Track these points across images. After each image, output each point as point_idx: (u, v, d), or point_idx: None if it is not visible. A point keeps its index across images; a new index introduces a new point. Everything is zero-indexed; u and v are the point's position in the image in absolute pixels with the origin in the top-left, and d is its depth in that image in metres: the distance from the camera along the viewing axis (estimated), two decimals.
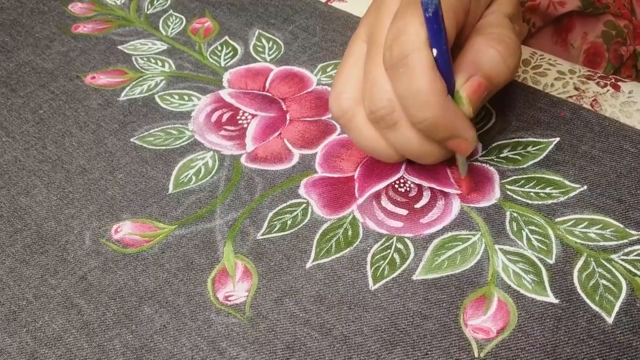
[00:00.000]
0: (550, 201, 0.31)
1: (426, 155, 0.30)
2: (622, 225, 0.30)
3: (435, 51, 0.27)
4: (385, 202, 0.32)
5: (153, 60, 0.43)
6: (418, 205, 0.32)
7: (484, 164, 0.34)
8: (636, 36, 0.57)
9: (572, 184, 0.32)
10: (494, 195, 0.32)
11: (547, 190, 0.32)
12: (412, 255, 0.30)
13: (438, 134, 0.28)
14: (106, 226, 0.33)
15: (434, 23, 0.26)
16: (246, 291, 0.30)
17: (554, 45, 0.56)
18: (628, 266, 0.29)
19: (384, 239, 0.31)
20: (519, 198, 0.32)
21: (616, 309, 0.27)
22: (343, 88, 0.31)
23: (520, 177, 0.33)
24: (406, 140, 0.29)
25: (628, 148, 0.33)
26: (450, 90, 0.28)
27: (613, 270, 0.29)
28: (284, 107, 0.39)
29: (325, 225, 0.32)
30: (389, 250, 0.30)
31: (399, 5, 0.28)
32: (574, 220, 0.31)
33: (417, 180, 0.33)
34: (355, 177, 0.34)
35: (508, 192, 0.32)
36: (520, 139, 0.35)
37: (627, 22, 0.56)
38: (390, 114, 0.28)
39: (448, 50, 0.27)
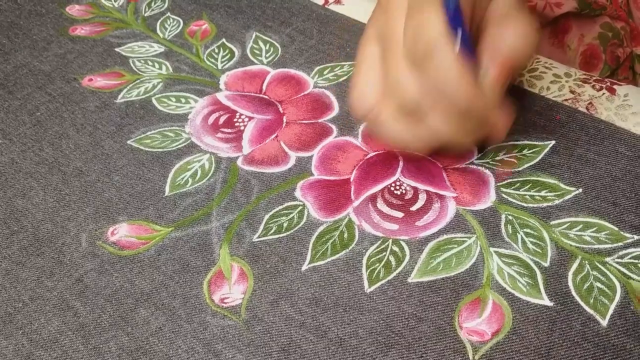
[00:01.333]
0: (545, 204, 0.32)
1: (459, 142, 0.31)
2: (616, 228, 0.30)
3: (458, 41, 0.27)
4: (381, 204, 0.33)
5: (150, 63, 0.43)
6: (414, 208, 0.32)
7: (479, 167, 0.34)
8: (633, 38, 0.57)
9: (567, 187, 0.32)
10: (490, 198, 0.32)
11: (543, 193, 0.32)
12: (407, 258, 0.30)
13: (472, 118, 0.29)
14: (102, 228, 0.33)
15: (455, 13, 0.27)
16: (242, 293, 0.30)
17: (550, 47, 0.56)
18: (622, 269, 0.29)
19: (379, 242, 0.31)
20: (514, 201, 0.32)
21: (610, 311, 0.27)
22: (364, 89, 0.31)
23: (516, 180, 0.33)
24: (439, 129, 0.30)
25: (623, 151, 0.34)
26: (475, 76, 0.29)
27: (607, 273, 0.29)
28: (280, 109, 0.39)
29: (321, 228, 0.32)
30: (384, 253, 0.30)
31: (409, 2, 0.29)
32: (568, 223, 0.31)
33: (413, 183, 0.33)
34: (352, 179, 0.34)
35: (503, 195, 0.32)
36: (516, 142, 0.35)
37: (624, 24, 0.56)
38: (420, 106, 0.29)
39: (468, 37, 0.28)
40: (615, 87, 0.37)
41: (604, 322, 0.27)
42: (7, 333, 0.29)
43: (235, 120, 0.38)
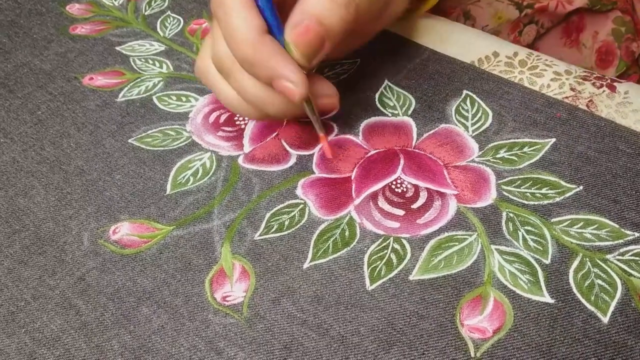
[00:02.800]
0: (546, 201, 0.32)
1: (268, 102, 0.30)
2: (617, 226, 0.30)
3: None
4: (382, 202, 0.33)
5: (151, 61, 0.43)
6: (415, 206, 0.32)
7: (480, 165, 0.34)
8: (637, 32, 0.57)
9: (568, 185, 0.32)
10: (490, 196, 0.32)
11: (543, 190, 0.32)
12: (408, 256, 0.30)
13: (258, 72, 0.28)
14: (104, 227, 0.33)
15: None
16: (244, 291, 0.30)
17: (562, 47, 0.57)
18: (623, 266, 0.29)
19: (381, 240, 0.31)
20: (515, 198, 0.32)
21: (611, 308, 0.27)
22: (202, 52, 0.32)
23: (517, 177, 0.33)
24: (245, 87, 0.30)
25: (624, 149, 0.34)
26: (278, 35, 0.29)
27: (608, 270, 0.29)
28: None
29: (322, 226, 0.32)
30: (385, 251, 0.31)
31: None
32: (569, 221, 0.31)
33: (413, 181, 0.33)
34: (352, 177, 0.34)
35: (504, 193, 0.32)
36: (516, 140, 0.35)
37: (630, 18, 0.56)
38: (224, 61, 0.29)
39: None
40: (615, 84, 0.37)
41: (605, 319, 0.27)
42: (9, 331, 0.29)
43: (236, 118, 0.38)
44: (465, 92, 0.38)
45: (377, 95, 0.39)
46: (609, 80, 0.37)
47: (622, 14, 0.55)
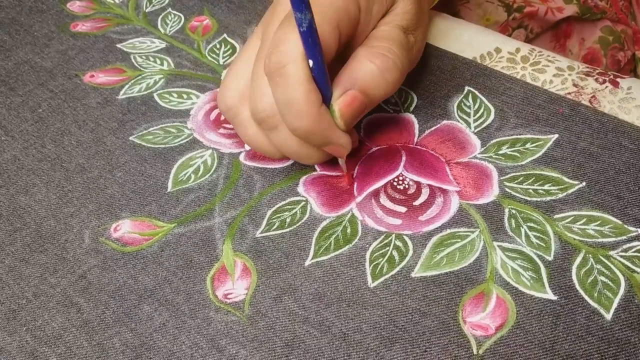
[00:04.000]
0: (548, 198, 0.32)
1: (306, 157, 0.31)
2: (620, 222, 0.30)
3: (311, 62, 0.27)
4: (384, 199, 0.32)
5: (152, 59, 0.43)
6: (417, 203, 0.32)
7: (482, 161, 0.34)
8: (636, 41, 0.57)
9: (571, 181, 0.32)
10: (493, 192, 0.32)
11: (546, 187, 0.32)
12: (410, 253, 0.30)
13: (312, 141, 0.29)
14: (105, 225, 0.33)
15: (308, 37, 0.26)
16: (245, 289, 0.30)
17: (552, 51, 0.57)
18: (626, 262, 0.29)
19: (382, 237, 0.31)
20: (517, 195, 0.32)
21: (614, 305, 0.27)
22: (230, 84, 0.31)
23: (519, 174, 0.33)
24: (286, 143, 0.30)
25: (627, 144, 0.33)
26: (328, 100, 0.29)
27: (611, 266, 0.29)
28: None
29: (324, 223, 0.32)
30: (387, 248, 0.30)
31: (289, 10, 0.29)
32: (572, 217, 0.31)
33: (415, 178, 0.33)
34: (354, 175, 0.34)
35: (507, 189, 0.32)
36: (519, 136, 0.35)
37: (624, 27, 0.56)
38: (270, 117, 0.29)
39: (323, 62, 0.27)
40: (618, 80, 0.37)
41: (608, 316, 0.27)
42: (11, 330, 0.29)
43: None
44: (467, 88, 0.38)
45: None
46: (611, 76, 0.37)
47: (613, 24, 0.55)
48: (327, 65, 0.28)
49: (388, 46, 0.30)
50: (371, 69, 0.29)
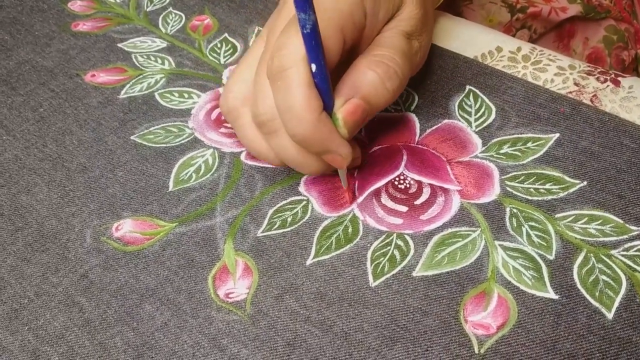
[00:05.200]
0: (550, 197, 0.31)
1: (305, 165, 0.30)
2: (622, 221, 0.30)
3: (314, 67, 0.27)
4: (385, 199, 0.32)
5: (153, 58, 0.43)
6: (418, 202, 0.32)
7: (483, 160, 0.34)
8: (637, 40, 0.57)
9: (572, 180, 0.32)
10: (494, 192, 0.32)
11: (547, 186, 0.32)
12: (412, 252, 0.30)
13: (311, 148, 0.28)
14: (107, 224, 0.33)
15: (311, 40, 0.26)
16: (247, 288, 0.30)
17: (555, 51, 0.57)
18: (628, 262, 0.29)
19: (384, 236, 0.31)
20: (518, 194, 0.32)
21: (616, 304, 0.27)
22: (233, 87, 0.31)
23: (520, 173, 0.33)
24: (285, 149, 0.29)
25: (628, 143, 0.33)
26: (329, 107, 0.28)
27: (613, 265, 0.29)
28: None
29: (325, 223, 0.32)
30: (389, 247, 0.30)
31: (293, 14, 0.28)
32: (573, 216, 0.31)
33: (416, 177, 0.33)
34: (355, 174, 0.34)
35: (508, 188, 0.32)
36: (520, 135, 0.35)
37: (627, 26, 0.56)
38: (271, 120, 0.29)
39: (326, 67, 0.27)
40: (619, 79, 0.37)
41: (610, 315, 0.27)
42: (13, 329, 0.29)
43: None
44: (468, 87, 0.38)
45: None
46: (613, 75, 0.37)
47: (616, 23, 0.55)
48: (330, 70, 0.28)
49: (390, 55, 0.30)
50: (373, 78, 0.29)
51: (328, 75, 0.27)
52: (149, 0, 0.49)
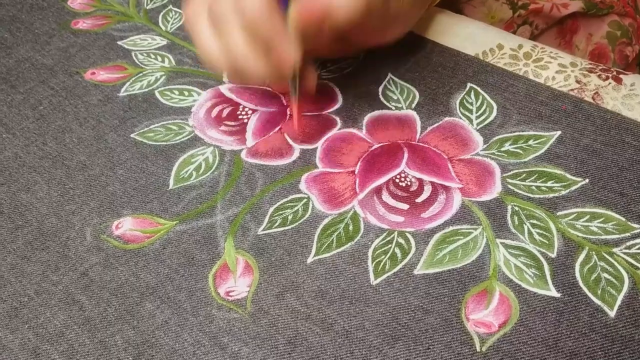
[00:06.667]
0: (551, 195, 0.31)
1: (251, 65, 0.30)
2: (624, 219, 0.30)
3: None
4: (386, 196, 0.32)
5: (153, 56, 0.43)
6: (419, 200, 0.32)
7: (485, 158, 0.34)
8: (639, 35, 0.57)
9: (574, 178, 0.32)
10: (495, 189, 0.32)
11: (549, 183, 0.32)
12: (413, 250, 0.30)
13: (258, 32, 0.29)
14: (107, 222, 0.33)
15: None
16: (247, 286, 0.30)
17: (557, 47, 0.57)
18: (630, 259, 0.29)
19: (385, 234, 0.31)
20: (520, 192, 0.32)
21: (618, 302, 0.27)
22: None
23: (522, 170, 0.33)
24: (235, 45, 0.30)
25: (630, 141, 0.33)
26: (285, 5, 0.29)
27: (615, 263, 0.28)
28: (284, 101, 0.38)
29: (326, 220, 0.32)
30: (390, 245, 0.30)
31: None
32: (575, 214, 0.31)
33: (418, 175, 0.33)
34: (356, 172, 0.34)
35: (509, 186, 0.32)
36: (521, 133, 0.35)
37: (631, 21, 0.56)
38: (225, 14, 0.29)
39: None
40: (621, 76, 0.37)
41: (612, 313, 0.27)
42: (13, 327, 0.29)
43: (238, 112, 0.38)
44: (469, 85, 0.38)
45: (380, 89, 0.39)
46: (614, 73, 0.37)
47: (620, 18, 0.55)
48: None
49: None
50: None
51: None
52: None
